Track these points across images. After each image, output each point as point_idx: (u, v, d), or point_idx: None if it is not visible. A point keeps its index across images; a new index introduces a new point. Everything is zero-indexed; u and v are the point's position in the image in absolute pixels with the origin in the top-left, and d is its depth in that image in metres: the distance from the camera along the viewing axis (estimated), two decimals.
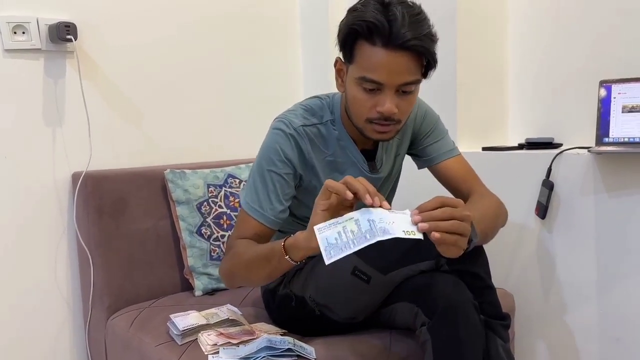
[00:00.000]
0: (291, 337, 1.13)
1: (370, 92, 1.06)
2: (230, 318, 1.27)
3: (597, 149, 1.38)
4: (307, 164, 1.18)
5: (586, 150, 1.42)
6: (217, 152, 1.91)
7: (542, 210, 1.50)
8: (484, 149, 1.68)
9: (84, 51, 1.64)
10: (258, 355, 1.07)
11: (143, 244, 1.59)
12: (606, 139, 1.40)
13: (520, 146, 1.65)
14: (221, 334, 1.18)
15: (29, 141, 1.57)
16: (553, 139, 1.63)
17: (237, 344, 1.13)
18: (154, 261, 1.61)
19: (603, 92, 1.42)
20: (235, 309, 1.36)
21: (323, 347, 1.14)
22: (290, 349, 1.08)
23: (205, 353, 1.13)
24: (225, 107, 1.96)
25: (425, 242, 0.88)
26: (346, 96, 1.13)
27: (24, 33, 1.53)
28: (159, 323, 1.34)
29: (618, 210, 1.40)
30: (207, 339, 1.16)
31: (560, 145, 1.59)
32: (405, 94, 1.07)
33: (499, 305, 1.10)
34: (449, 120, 1.45)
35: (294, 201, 1.21)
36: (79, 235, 1.58)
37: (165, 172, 1.62)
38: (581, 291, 1.48)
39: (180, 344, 1.21)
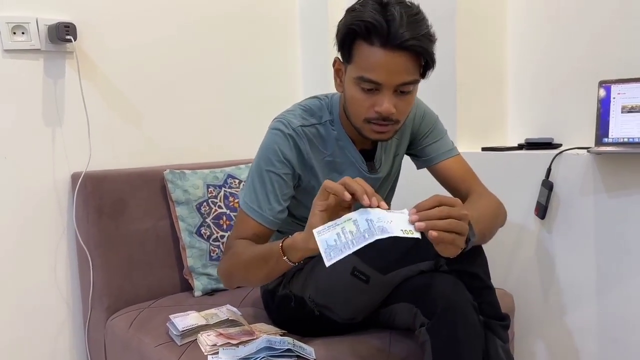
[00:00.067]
0: (291, 338, 1.13)
1: (368, 92, 1.06)
2: (229, 318, 1.27)
3: (597, 149, 1.38)
4: (306, 164, 1.18)
5: (586, 150, 1.42)
6: (217, 153, 1.91)
7: (542, 210, 1.50)
8: (483, 149, 1.68)
9: (84, 51, 1.64)
10: (257, 355, 1.07)
11: (142, 245, 1.59)
12: (606, 139, 1.40)
13: (520, 146, 1.65)
14: (221, 334, 1.18)
15: (29, 141, 1.57)
16: (552, 139, 1.63)
17: (237, 345, 1.13)
18: (153, 261, 1.61)
19: (602, 93, 1.42)
20: (235, 310, 1.36)
21: (322, 348, 1.14)
22: (290, 350, 1.08)
23: (205, 353, 1.13)
24: (224, 108, 1.96)
25: (424, 243, 0.89)
26: (345, 96, 1.13)
27: (23, 33, 1.53)
28: (159, 323, 1.34)
29: (617, 211, 1.39)
30: (207, 340, 1.16)
31: (560, 145, 1.59)
32: (403, 94, 1.07)
33: (498, 305, 1.10)
34: (448, 120, 1.45)
35: (293, 201, 1.21)
36: (79, 236, 1.58)
37: (164, 173, 1.62)
38: (581, 291, 1.48)
39: (179, 344, 1.21)
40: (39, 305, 1.60)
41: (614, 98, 1.40)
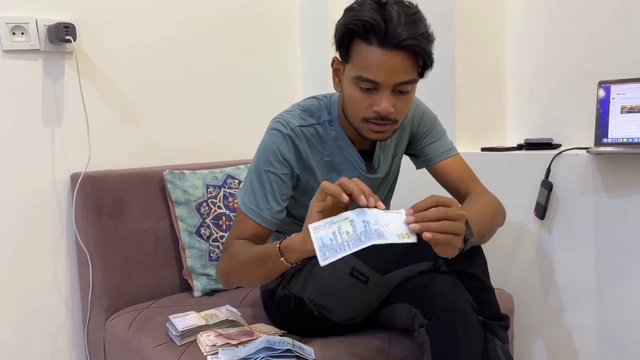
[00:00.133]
0: (290, 338, 1.13)
1: (366, 92, 1.06)
2: (229, 319, 1.27)
3: (596, 149, 1.38)
4: (305, 164, 1.18)
5: (585, 150, 1.42)
6: (216, 153, 1.91)
7: (541, 210, 1.50)
8: (483, 149, 1.68)
9: (83, 52, 1.64)
10: (257, 355, 1.07)
11: (142, 245, 1.59)
12: (605, 140, 1.40)
13: (519, 147, 1.65)
14: (220, 334, 1.18)
15: (28, 142, 1.57)
16: (552, 139, 1.63)
17: (236, 345, 1.13)
18: (153, 262, 1.61)
19: (602, 93, 1.42)
20: (235, 310, 1.36)
21: (322, 348, 1.14)
22: (290, 350, 1.08)
23: (205, 354, 1.13)
24: (224, 108, 1.96)
25: (423, 243, 0.89)
26: (343, 96, 1.13)
27: (22, 34, 1.53)
28: (158, 324, 1.34)
29: (617, 211, 1.39)
30: (206, 340, 1.16)
31: (559, 145, 1.59)
32: (401, 94, 1.07)
33: (497, 306, 1.10)
34: (448, 120, 1.46)
35: (292, 201, 1.21)
36: (78, 236, 1.58)
37: (164, 173, 1.62)
38: (580, 292, 1.48)
39: (179, 344, 1.21)
40: (38, 306, 1.60)
41: (614, 98, 1.40)
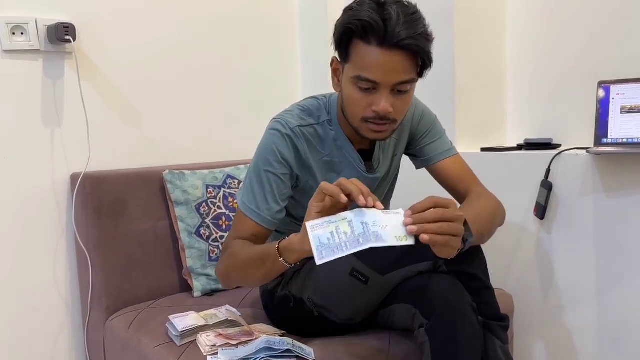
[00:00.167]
0: (290, 338, 1.13)
1: (365, 91, 1.06)
2: (229, 319, 1.27)
3: (596, 149, 1.38)
4: (304, 164, 1.18)
5: (585, 150, 1.42)
6: (216, 153, 1.91)
7: (541, 210, 1.50)
8: (482, 149, 1.68)
9: (83, 52, 1.63)
10: (257, 356, 1.07)
11: (142, 245, 1.59)
12: (605, 140, 1.41)
13: (519, 147, 1.65)
14: (220, 334, 1.18)
15: (28, 142, 1.57)
16: (552, 139, 1.63)
17: (236, 345, 1.13)
18: (152, 262, 1.61)
19: (602, 93, 1.42)
20: (234, 310, 1.36)
21: (322, 348, 1.14)
22: (289, 350, 1.08)
23: (204, 354, 1.13)
24: (223, 108, 1.96)
25: (422, 245, 0.89)
26: (342, 95, 1.13)
27: (22, 34, 1.53)
28: (158, 324, 1.34)
29: (617, 211, 1.39)
30: (206, 340, 1.16)
31: (559, 145, 1.59)
32: (400, 93, 1.07)
33: (497, 306, 1.10)
34: (447, 120, 1.46)
35: (291, 201, 1.21)
36: (78, 236, 1.58)
37: (164, 173, 1.62)
38: (580, 292, 1.48)
39: (179, 345, 1.21)
40: (38, 306, 1.60)
41: (613, 98, 1.40)
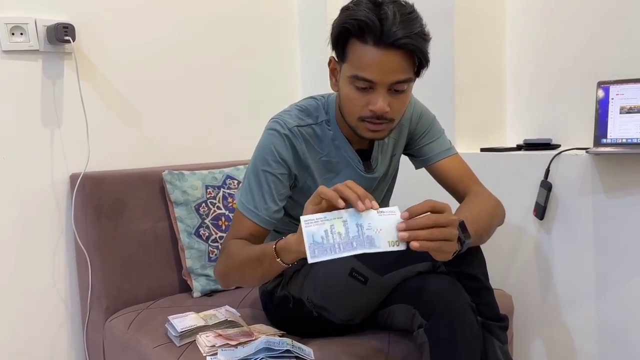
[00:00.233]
0: (289, 339, 1.13)
1: (362, 91, 1.06)
2: (228, 319, 1.27)
3: (595, 149, 1.38)
4: (302, 164, 1.18)
5: (584, 151, 1.42)
6: (216, 153, 1.91)
7: (540, 211, 1.50)
8: (482, 149, 1.68)
9: (82, 52, 1.63)
10: (256, 356, 1.07)
11: (141, 245, 1.59)
12: (604, 140, 1.41)
13: (519, 147, 1.65)
14: (219, 335, 1.18)
15: (27, 142, 1.57)
16: (551, 139, 1.63)
17: (236, 346, 1.13)
18: (152, 262, 1.60)
19: (601, 93, 1.42)
20: (234, 310, 1.36)
21: (321, 349, 1.14)
22: (289, 350, 1.08)
23: (204, 354, 1.13)
24: (223, 108, 1.96)
25: (412, 252, 0.89)
26: (340, 95, 1.13)
27: (22, 34, 1.53)
28: (157, 324, 1.34)
29: (616, 211, 1.40)
30: (206, 341, 1.16)
31: (559, 146, 1.59)
32: (397, 93, 1.07)
33: (496, 306, 1.10)
34: (447, 121, 1.45)
35: (289, 201, 1.21)
36: (77, 237, 1.58)
37: (163, 174, 1.62)
38: (579, 292, 1.48)
39: (178, 345, 1.21)
40: (37, 306, 1.60)
41: (613, 99, 1.40)
